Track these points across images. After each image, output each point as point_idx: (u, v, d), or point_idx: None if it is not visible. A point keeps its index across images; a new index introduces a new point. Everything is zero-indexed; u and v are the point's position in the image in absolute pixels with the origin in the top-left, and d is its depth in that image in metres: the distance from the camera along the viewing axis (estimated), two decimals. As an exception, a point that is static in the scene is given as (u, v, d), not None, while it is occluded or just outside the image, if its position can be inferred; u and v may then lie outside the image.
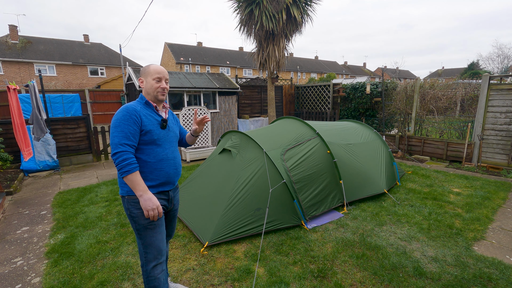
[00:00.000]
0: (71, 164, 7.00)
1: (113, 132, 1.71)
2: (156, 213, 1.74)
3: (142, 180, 1.73)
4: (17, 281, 2.58)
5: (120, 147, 1.67)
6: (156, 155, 1.83)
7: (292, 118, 4.62)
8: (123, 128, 1.69)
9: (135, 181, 1.68)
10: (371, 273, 2.56)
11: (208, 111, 7.87)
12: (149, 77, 1.85)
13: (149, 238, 1.84)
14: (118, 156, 1.66)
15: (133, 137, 1.72)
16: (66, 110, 12.15)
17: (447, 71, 53.54)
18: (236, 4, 8.09)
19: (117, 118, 1.72)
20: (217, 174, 3.73)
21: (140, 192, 1.70)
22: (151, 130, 1.79)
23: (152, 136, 1.80)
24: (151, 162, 1.81)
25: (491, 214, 3.75)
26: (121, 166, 1.65)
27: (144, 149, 1.80)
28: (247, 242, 3.08)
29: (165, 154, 1.88)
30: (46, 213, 4.11)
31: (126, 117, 1.71)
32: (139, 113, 1.76)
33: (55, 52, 24.41)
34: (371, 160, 4.50)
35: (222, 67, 34.14)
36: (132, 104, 1.81)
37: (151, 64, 1.92)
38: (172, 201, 2.01)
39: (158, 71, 1.85)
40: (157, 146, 1.84)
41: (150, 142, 1.80)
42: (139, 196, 1.70)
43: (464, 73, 32.00)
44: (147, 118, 1.79)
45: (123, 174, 1.66)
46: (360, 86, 8.84)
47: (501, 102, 5.76)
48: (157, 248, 1.87)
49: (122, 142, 1.68)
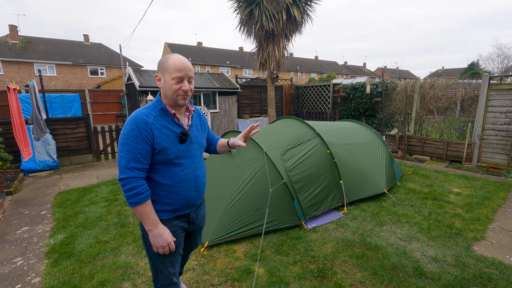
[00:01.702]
0: (71, 164, 7.00)
1: (120, 151, 1.39)
2: (167, 250, 1.49)
3: (153, 211, 1.45)
4: (17, 281, 2.58)
5: (128, 172, 1.38)
6: (172, 176, 1.51)
7: (292, 118, 4.62)
8: (131, 147, 1.38)
9: (143, 213, 1.42)
10: (371, 273, 2.56)
11: (208, 111, 7.87)
12: (167, 74, 1.45)
13: (161, 264, 1.61)
14: (125, 183, 1.38)
15: (144, 158, 1.41)
16: (66, 110, 12.16)
17: (447, 71, 53.55)
18: (236, 4, 8.09)
19: (125, 132, 1.39)
20: (217, 174, 3.74)
21: (149, 226, 1.44)
22: (165, 148, 1.45)
23: (167, 155, 1.46)
24: (167, 184, 1.50)
25: (491, 214, 3.75)
26: (128, 196, 1.39)
27: (158, 169, 1.48)
28: (247, 242, 3.08)
29: (185, 174, 1.54)
30: (46, 213, 4.11)
31: (135, 132, 1.38)
32: (150, 126, 1.41)
33: (55, 52, 24.41)
34: (371, 160, 4.50)
35: (222, 67, 34.14)
36: (144, 112, 1.44)
37: (171, 55, 1.47)
38: (194, 222, 1.74)
39: (178, 67, 1.42)
40: (174, 165, 1.50)
41: (166, 161, 1.48)
42: (148, 231, 1.45)
43: (464, 73, 32.00)
44: (161, 132, 1.44)
45: (130, 204, 1.40)
46: (360, 86, 8.84)
47: (501, 102, 5.76)
48: (168, 273, 1.65)
49: (130, 165, 1.38)
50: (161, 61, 1.49)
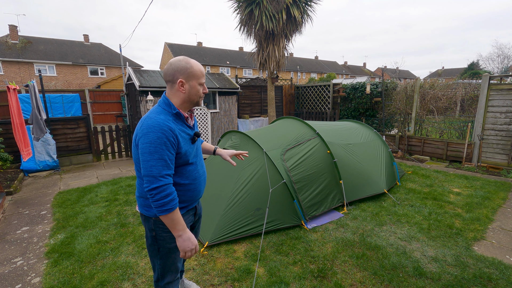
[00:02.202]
0: (71, 164, 7.00)
1: (148, 161, 1.36)
2: (193, 253, 1.51)
3: (181, 216, 1.48)
4: (17, 281, 2.58)
5: (162, 180, 1.37)
6: (189, 175, 1.58)
7: (292, 118, 4.62)
8: (162, 155, 1.37)
9: (175, 219, 1.43)
10: (371, 273, 2.56)
11: (208, 111, 7.87)
12: (194, 80, 1.48)
13: (171, 260, 1.67)
14: (160, 191, 1.36)
15: (172, 164, 1.44)
16: (66, 110, 12.16)
17: (447, 71, 53.55)
18: (236, 4, 8.08)
19: (150, 140, 1.37)
20: (217, 174, 3.74)
21: (180, 232, 1.46)
22: (186, 151, 1.50)
23: (187, 157, 1.52)
24: (185, 183, 1.56)
25: (491, 214, 3.75)
26: (164, 203, 1.37)
27: (176, 171, 1.52)
28: (247, 242, 3.08)
29: (197, 171, 1.63)
30: (46, 213, 4.11)
31: (163, 140, 1.37)
32: (175, 132, 1.43)
33: (55, 52, 24.41)
34: (371, 160, 4.50)
35: (222, 67, 34.14)
36: (164, 118, 1.43)
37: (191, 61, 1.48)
38: (197, 213, 1.87)
39: (203, 73, 1.51)
40: (189, 165, 1.57)
41: (184, 163, 1.53)
42: (177, 236, 1.46)
43: (464, 73, 31.99)
44: (181, 136, 1.47)
45: (164, 212, 1.38)
46: (360, 86, 8.84)
47: (501, 102, 5.76)
48: (175, 269, 1.73)
49: (163, 173, 1.38)
50: (183, 66, 1.46)
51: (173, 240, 1.58)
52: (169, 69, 1.47)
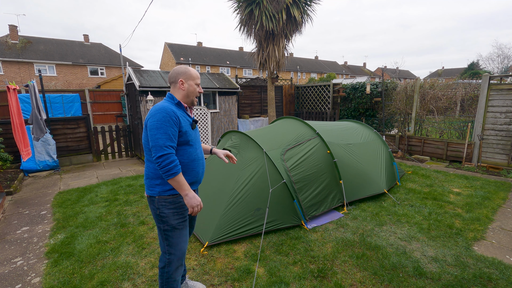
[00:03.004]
0: (71, 164, 7.00)
1: (155, 134, 1.69)
2: (199, 209, 1.80)
3: (185, 180, 1.77)
4: (17, 281, 2.58)
5: (166, 149, 1.68)
6: (189, 155, 1.87)
7: (292, 118, 4.62)
8: (166, 130, 1.70)
9: (181, 181, 1.73)
10: (371, 273, 2.56)
11: (208, 111, 7.87)
12: (191, 80, 1.90)
13: (177, 238, 1.88)
14: (165, 158, 1.67)
15: (175, 138, 1.75)
16: (66, 110, 12.15)
17: (447, 71, 53.53)
18: (236, 4, 8.08)
19: (157, 119, 1.71)
20: (217, 174, 3.73)
21: (186, 191, 1.75)
22: (187, 131, 1.83)
23: (187, 137, 1.83)
24: (185, 162, 1.84)
25: (491, 214, 3.75)
26: (169, 168, 1.67)
27: (178, 149, 1.82)
28: (247, 242, 3.08)
29: (196, 154, 1.92)
30: (46, 213, 4.11)
31: (167, 118, 1.71)
32: (176, 113, 1.77)
33: (55, 52, 24.41)
34: (371, 160, 4.50)
35: (222, 67, 34.14)
36: (168, 104, 1.81)
37: (188, 67, 1.96)
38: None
39: (198, 76, 1.94)
40: (189, 146, 1.87)
41: (185, 143, 1.83)
42: (184, 195, 1.75)
43: (464, 73, 32.00)
44: (183, 119, 1.82)
45: (170, 176, 1.68)
46: (360, 86, 8.84)
47: (501, 102, 5.76)
48: (182, 250, 1.92)
49: (167, 144, 1.70)
50: (183, 71, 1.90)
51: (176, 217, 1.84)
52: (172, 73, 1.91)
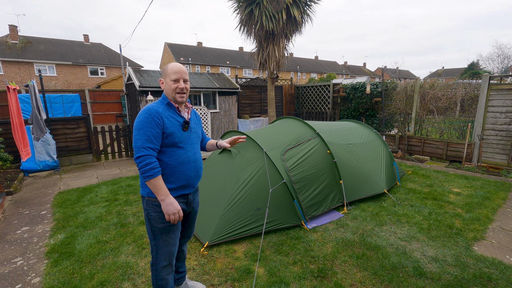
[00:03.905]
0: (71, 164, 7.00)
1: (136, 135, 1.70)
2: (177, 217, 1.75)
3: (164, 184, 1.73)
4: (17, 281, 2.58)
5: (143, 151, 1.67)
6: (177, 158, 1.81)
7: (292, 118, 4.62)
8: (146, 131, 1.68)
9: (157, 185, 1.69)
10: (371, 273, 2.56)
11: (208, 111, 7.87)
12: (167, 77, 1.81)
13: (163, 241, 1.84)
14: (141, 160, 1.66)
15: (156, 140, 1.71)
16: (66, 110, 12.15)
17: (447, 71, 53.52)
18: (236, 4, 8.09)
19: (140, 120, 1.70)
20: (217, 174, 3.73)
21: (162, 196, 1.71)
22: (172, 132, 1.77)
23: (173, 138, 1.78)
24: (172, 164, 1.79)
25: (491, 214, 3.75)
26: (144, 170, 1.66)
27: (165, 151, 1.78)
28: (247, 242, 3.07)
29: (187, 156, 1.85)
30: (46, 213, 4.11)
31: (149, 119, 1.69)
32: (161, 115, 1.73)
33: (55, 52, 24.40)
34: (371, 160, 4.50)
35: (222, 67, 34.13)
36: (154, 105, 1.78)
37: (169, 63, 1.86)
38: (191, 204, 1.99)
39: (174, 70, 1.79)
40: (178, 148, 1.81)
41: (172, 144, 1.78)
42: (161, 201, 1.71)
43: (464, 73, 31.99)
44: (169, 120, 1.77)
45: (146, 178, 1.67)
46: (360, 86, 8.84)
47: (501, 102, 5.76)
48: (168, 252, 1.87)
49: (145, 145, 1.67)
50: (163, 69, 1.85)
51: (162, 220, 1.79)
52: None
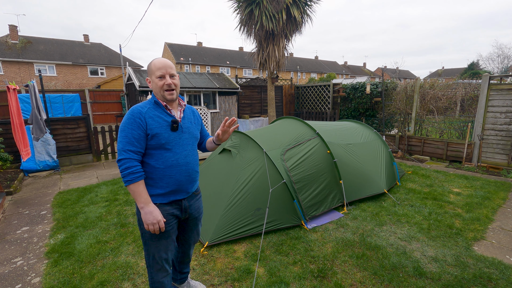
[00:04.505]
0: (71, 164, 7.00)
1: (118, 137, 1.62)
2: (156, 228, 1.63)
3: (145, 191, 1.63)
4: (17, 281, 2.58)
5: (124, 154, 1.58)
6: (165, 161, 1.68)
7: (292, 118, 4.62)
8: (127, 133, 1.59)
9: (136, 191, 1.59)
10: (371, 273, 2.56)
11: (208, 111, 7.87)
12: (152, 75, 1.70)
13: (154, 247, 1.77)
14: (121, 164, 1.58)
15: (138, 142, 1.61)
16: (66, 110, 12.15)
17: (447, 71, 53.51)
18: (236, 4, 8.09)
19: (123, 121, 1.63)
20: (217, 174, 3.73)
21: (142, 204, 1.60)
22: (157, 133, 1.64)
23: (159, 140, 1.65)
24: (160, 168, 1.68)
25: (491, 214, 3.75)
26: (124, 175, 1.57)
27: (152, 154, 1.67)
28: (247, 242, 3.07)
29: (176, 159, 1.71)
30: (46, 213, 4.11)
31: (131, 120, 1.61)
32: (144, 115, 1.63)
33: (55, 52, 24.40)
34: (371, 160, 4.50)
35: (222, 67, 34.13)
36: (140, 105, 1.69)
37: (153, 60, 1.73)
38: (186, 211, 1.86)
39: (158, 66, 1.67)
40: (166, 150, 1.69)
41: (158, 146, 1.66)
42: (140, 208, 1.61)
43: (464, 73, 31.99)
44: (154, 120, 1.65)
45: (125, 183, 1.58)
46: (360, 86, 8.84)
47: (501, 102, 5.76)
48: (160, 258, 1.80)
49: (126, 148, 1.59)
50: (147, 66, 1.75)
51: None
52: None
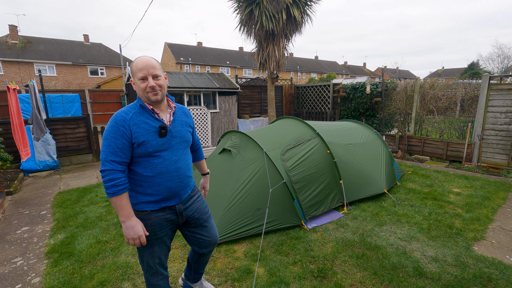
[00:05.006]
0: (71, 164, 7.00)
1: (102, 146, 1.52)
2: (137, 242, 1.55)
3: (128, 204, 1.54)
4: (17, 281, 2.58)
5: (107, 165, 1.48)
6: (153, 168, 1.59)
7: (292, 118, 4.62)
8: (110, 142, 1.49)
9: (118, 204, 1.50)
10: (371, 273, 2.56)
11: (208, 111, 7.87)
12: (134, 77, 1.58)
13: (147, 254, 1.71)
14: (104, 175, 1.48)
15: (122, 152, 1.51)
16: (66, 110, 12.14)
17: (447, 71, 53.52)
18: (236, 4, 8.08)
19: (107, 128, 1.52)
20: (217, 174, 3.73)
21: (123, 218, 1.52)
22: (144, 141, 1.54)
23: (146, 148, 1.55)
24: (149, 176, 1.59)
25: (491, 214, 3.75)
26: (106, 187, 1.48)
27: (140, 162, 1.58)
28: (247, 242, 3.07)
29: (165, 166, 1.62)
30: (46, 213, 4.11)
31: (114, 128, 1.50)
32: (128, 122, 1.52)
33: (55, 52, 24.41)
34: (371, 160, 4.50)
35: (222, 67, 34.13)
36: (124, 110, 1.57)
37: (135, 60, 1.60)
38: (182, 214, 1.77)
39: (139, 67, 1.54)
40: (154, 157, 1.59)
41: (146, 155, 1.57)
42: (121, 222, 1.53)
43: (464, 73, 32.00)
44: (139, 127, 1.54)
45: (107, 195, 1.49)
46: (360, 86, 8.84)
47: (501, 102, 5.76)
48: (154, 263, 1.74)
49: (109, 159, 1.49)
50: (130, 67, 1.64)
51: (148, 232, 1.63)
52: None
